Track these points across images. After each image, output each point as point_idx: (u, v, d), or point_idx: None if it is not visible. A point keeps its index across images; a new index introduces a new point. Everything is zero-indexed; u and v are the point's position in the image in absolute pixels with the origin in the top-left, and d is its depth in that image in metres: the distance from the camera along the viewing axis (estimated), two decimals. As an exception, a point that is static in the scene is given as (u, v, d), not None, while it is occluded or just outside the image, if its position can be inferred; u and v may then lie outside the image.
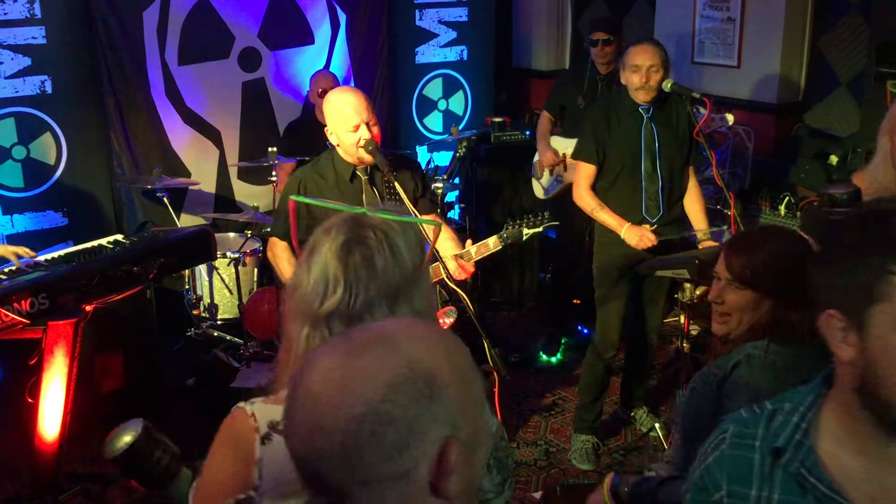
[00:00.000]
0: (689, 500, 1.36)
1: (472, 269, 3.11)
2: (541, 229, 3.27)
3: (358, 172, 3.10)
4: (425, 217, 1.23)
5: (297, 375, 1.01)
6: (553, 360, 4.77)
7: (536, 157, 5.05)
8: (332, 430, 0.94)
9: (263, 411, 1.45)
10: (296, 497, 1.35)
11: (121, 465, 1.79)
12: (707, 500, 1.31)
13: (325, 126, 3.10)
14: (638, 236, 3.56)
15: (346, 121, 2.99)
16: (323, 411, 0.95)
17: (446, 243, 3.13)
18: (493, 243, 3.20)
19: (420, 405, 0.96)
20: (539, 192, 5.11)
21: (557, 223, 3.46)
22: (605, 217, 3.67)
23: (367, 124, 2.99)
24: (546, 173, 4.96)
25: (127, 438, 1.78)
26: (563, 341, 4.85)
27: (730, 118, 3.83)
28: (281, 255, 3.19)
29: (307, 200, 2.53)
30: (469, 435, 1.00)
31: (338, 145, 3.07)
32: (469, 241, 3.21)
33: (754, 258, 1.91)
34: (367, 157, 3.03)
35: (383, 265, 1.40)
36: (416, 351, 0.99)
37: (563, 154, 4.82)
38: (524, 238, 3.25)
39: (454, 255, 3.11)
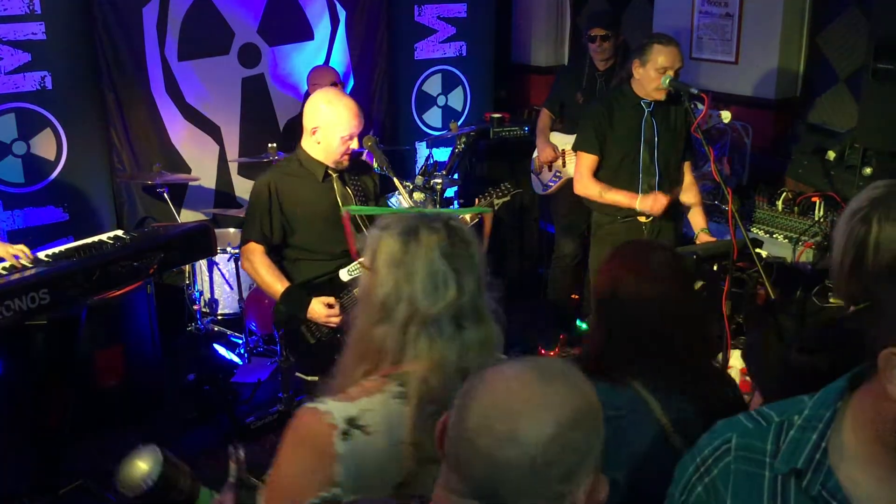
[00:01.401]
0: None
1: None
2: (508, 198, 3.55)
3: (329, 171, 3.15)
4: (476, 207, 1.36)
5: (475, 388, 1.05)
6: (552, 354, 4.78)
7: (536, 153, 5.05)
8: (527, 444, 0.99)
9: (339, 409, 1.42)
10: (373, 491, 1.36)
11: (144, 501, 1.58)
12: None
13: (312, 123, 3.09)
14: (651, 201, 3.61)
15: (344, 127, 3.04)
16: (520, 425, 1.00)
17: None
18: (469, 218, 3.48)
19: (595, 438, 1.06)
20: (538, 187, 5.12)
21: (521, 190, 3.76)
22: (615, 196, 3.69)
23: (357, 136, 3.09)
24: (545, 169, 4.97)
25: (145, 469, 1.56)
26: (561, 336, 4.86)
27: (726, 115, 3.84)
28: (260, 262, 3.12)
29: (358, 209, 2.57)
30: (597, 479, 1.07)
31: (318, 143, 3.09)
32: None
33: None
34: (345, 163, 3.12)
35: (479, 254, 1.43)
36: (588, 390, 1.09)
37: (563, 150, 4.83)
38: (496, 208, 3.54)
39: None
